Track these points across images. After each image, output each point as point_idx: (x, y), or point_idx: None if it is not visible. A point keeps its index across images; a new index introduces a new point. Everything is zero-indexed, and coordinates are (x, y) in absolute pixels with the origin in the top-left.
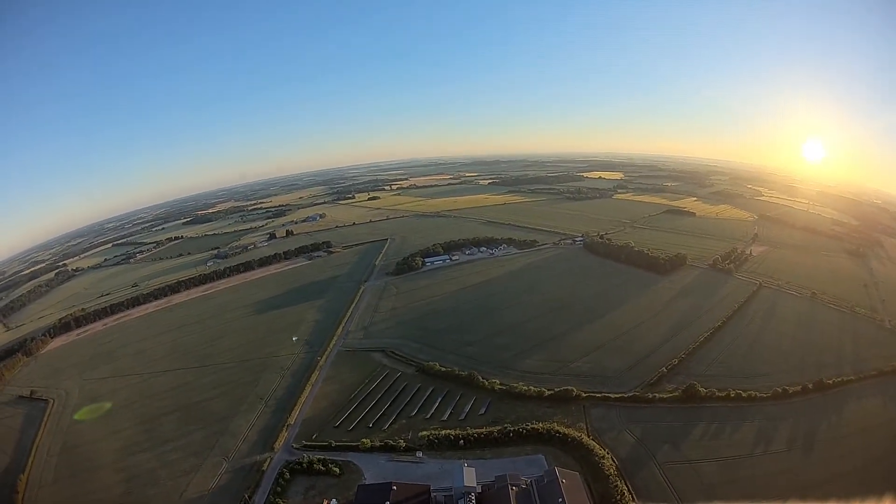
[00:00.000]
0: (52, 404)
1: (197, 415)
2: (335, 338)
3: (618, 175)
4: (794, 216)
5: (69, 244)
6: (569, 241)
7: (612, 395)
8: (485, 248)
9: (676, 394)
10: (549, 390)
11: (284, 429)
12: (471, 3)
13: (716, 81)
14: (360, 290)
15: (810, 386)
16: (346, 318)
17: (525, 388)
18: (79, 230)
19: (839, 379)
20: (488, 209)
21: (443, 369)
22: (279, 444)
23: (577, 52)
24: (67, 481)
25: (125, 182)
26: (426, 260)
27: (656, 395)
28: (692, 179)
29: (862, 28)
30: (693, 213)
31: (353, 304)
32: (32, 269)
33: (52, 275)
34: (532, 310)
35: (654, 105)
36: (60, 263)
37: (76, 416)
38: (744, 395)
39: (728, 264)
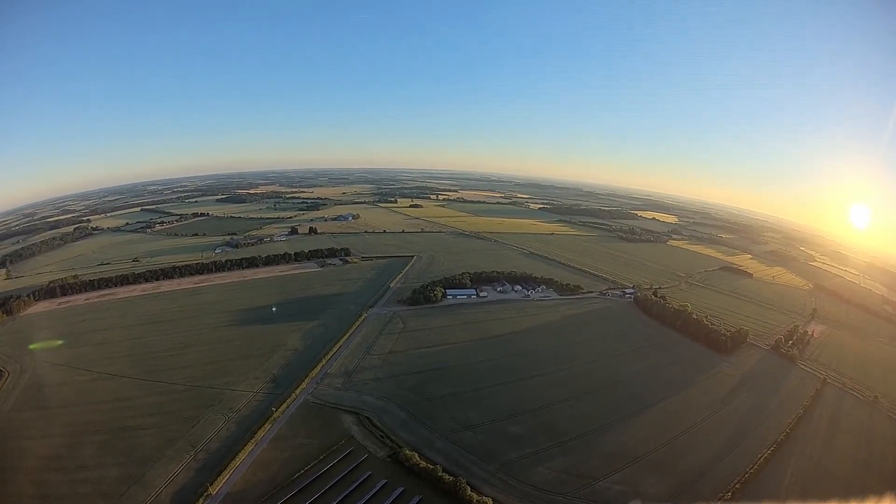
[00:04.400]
0: (7, 378)
1: (122, 445)
2: (307, 380)
3: (672, 218)
4: (847, 289)
5: (105, 198)
6: (617, 293)
7: None
8: (520, 287)
9: None
10: None
11: (202, 500)
12: (542, 30)
13: (768, 137)
14: (361, 318)
15: None
16: (330, 355)
17: None
18: (122, 186)
19: None
20: (533, 238)
21: (422, 464)
22: None
23: (637, 86)
24: None
25: (196, 147)
26: (448, 292)
27: None
28: (746, 234)
29: None
30: (750, 275)
31: (346, 336)
32: (59, 217)
33: (71, 229)
34: (562, 388)
35: (704, 150)
36: (85, 218)
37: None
38: None
39: (791, 347)
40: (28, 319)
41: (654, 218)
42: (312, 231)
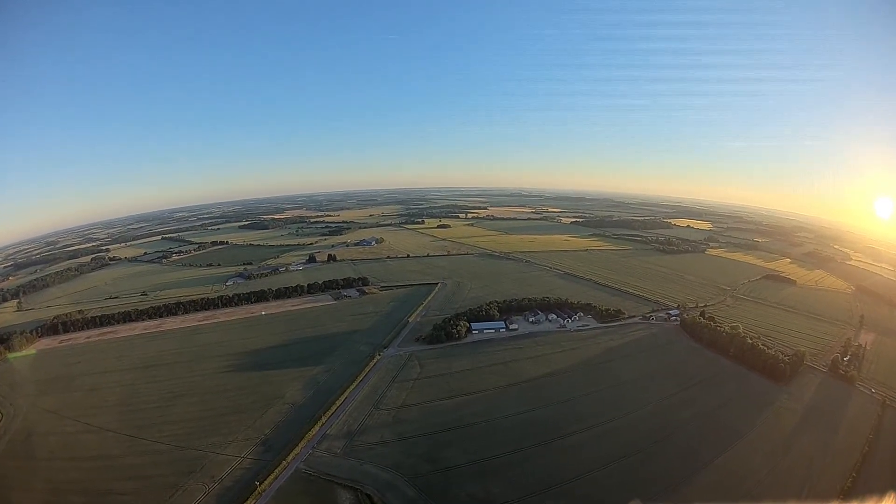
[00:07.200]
0: (0, 421)
1: None
2: (303, 442)
3: (706, 224)
4: (887, 288)
5: (130, 226)
6: (662, 315)
7: None
8: (554, 316)
9: None
10: None
11: None
12: (560, 43)
13: (785, 131)
14: (374, 362)
15: None
16: (332, 410)
17: None
18: (148, 213)
19: None
20: (568, 256)
21: None
22: None
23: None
24: None
25: (228, 172)
26: (474, 326)
27: None
28: (780, 236)
29: None
30: (793, 281)
31: (353, 385)
32: (80, 246)
33: (88, 259)
34: (604, 447)
35: (729, 151)
36: (105, 248)
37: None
38: None
39: (848, 366)
40: (27, 358)
41: (688, 226)
42: (331, 259)
